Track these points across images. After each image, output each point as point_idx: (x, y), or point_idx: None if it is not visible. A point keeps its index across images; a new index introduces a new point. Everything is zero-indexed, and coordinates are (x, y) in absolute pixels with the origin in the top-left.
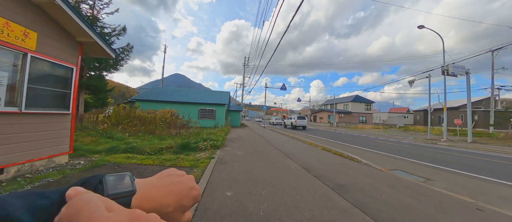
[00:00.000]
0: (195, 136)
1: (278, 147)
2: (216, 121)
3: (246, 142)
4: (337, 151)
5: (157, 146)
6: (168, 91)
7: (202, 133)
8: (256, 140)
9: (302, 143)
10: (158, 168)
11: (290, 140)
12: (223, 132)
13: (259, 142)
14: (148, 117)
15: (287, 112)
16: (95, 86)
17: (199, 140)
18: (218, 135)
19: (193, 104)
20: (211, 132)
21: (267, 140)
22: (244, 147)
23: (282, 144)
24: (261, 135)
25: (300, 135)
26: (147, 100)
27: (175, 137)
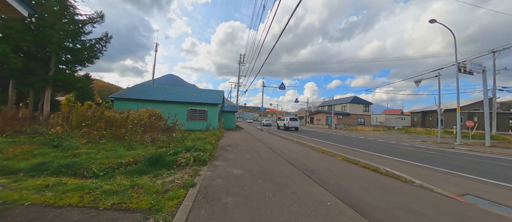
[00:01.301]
0: (178, 142)
1: (287, 158)
2: (207, 123)
3: (244, 151)
4: (368, 164)
5: (115, 160)
6: (154, 89)
7: (189, 139)
8: (256, 147)
9: (314, 151)
10: (77, 217)
11: (298, 147)
12: (215, 136)
13: (261, 150)
14: (118, 118)
15: (283, 114)
16: (64, 81)
17: (181, 149)
18: (207, 142)
19: (181, 104)
20: (199, 138)
21: (270, 146)
22: (242, 161)
23: (290, 153)
24: (260, 139)
25: (305, 140)
26: (128, 99)
27: (150, 145)
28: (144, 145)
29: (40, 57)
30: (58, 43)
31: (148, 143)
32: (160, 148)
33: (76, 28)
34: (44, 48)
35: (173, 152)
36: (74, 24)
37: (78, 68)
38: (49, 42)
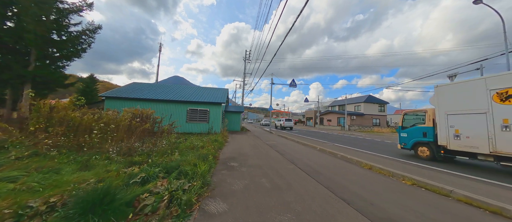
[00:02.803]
0: (162, 155)
1: (337, 190)
2: (209, 124)
3: (257, 171)
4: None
5: (26, 199)
6: (150, 87)
7: (181, 147)
8: (273, 162)
9: (358, 167)
10: None
11: (334, 162)
12: (216, 143)
13: (283, 169)
14: (84, 120)
15: (289, 115)
16: (46, 77)
17: (158, 171)
18: (202, 154)
19: (180, 103)
20: (194, 146)
21: (292, 160)
22: (260, 198)
23: (328, 173)
24: (273, 146)
25: (327, 145)
26: (120, 98)
27: (120, 159)
28: (109, 161)
29: (18, 50)
30: (36, 32)
31: (119, 155)
32: (132, 165)
33: (58, 17)
34: (20, 39)
35: (140, 178)
36: (58, 13)
37: (65, 63)
38: (24, 31)
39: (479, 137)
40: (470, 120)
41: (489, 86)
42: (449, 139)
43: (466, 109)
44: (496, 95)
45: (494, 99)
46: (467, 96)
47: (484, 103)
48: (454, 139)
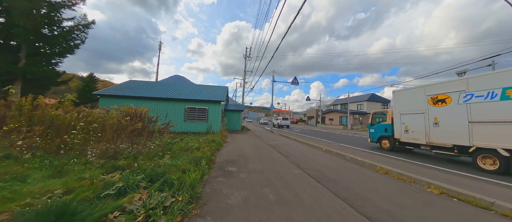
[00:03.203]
0: (150, 158)
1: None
2: (208, 123)
3: (259, 178)
4: None
5: None
6: (147, 85)
7: (174, 149)
8: (277, 166)
9: (373, 172)
10: None
11: (343, 165)
12: (214, 144)
13: (288, 174)
14: (67, 119)
15: (290, 113)
16: (37, 74)
17: (139, 179)
18: (196, 157)
19: (177, 101)
20: (188, 148)
21: (297, 163)
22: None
23: (343, 180)
24: (275, 146)
25: (331, 146)
26: (115, 96)
27: (101, 162)
28: (88, 165)
29: (8, 46)
30: (25, 27)
31: (102, 158)
32: (115, 170)
33: (49, 11)
34: (10, 34)
35: (116, 188)
36: (49, 7)
37: (58, 60)
38: (12, 24)
39: (420, 131)
40: (414, 118)
41: (426, 93)
42: (402, 133)
43: (412, 110)
44: (431, 100)
45: (429, 102)
46: (413, 100)
47: (423, 106)
48: (405, 133)
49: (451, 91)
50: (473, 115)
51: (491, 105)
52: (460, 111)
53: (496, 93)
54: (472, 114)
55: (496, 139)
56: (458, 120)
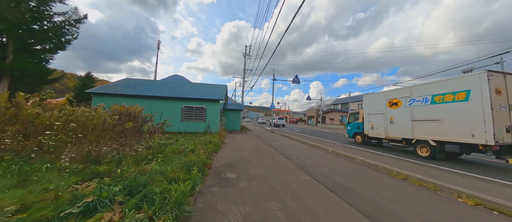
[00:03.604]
0: (134, 165)
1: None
2: (206, 123)
3: (262, 188)
4: None
5: None
6: (142, 83)
7: (167, 151)
8: (282, 173)
9: (389, 177)
10: None
11: (349, 167)
12: (211, 146)
13: (295, 182)
14: (46, 117)
15: (290, 113)
16: (25, 70)
17: (112, 195)
18: (189, 162)
19: (174, 100)
20: (182, 151)
21: (304, 167)
22: None
23: (359, 190)
24: (277, 148)
25: (337, 147)
26: (108, 94)
27: (71, 170)
28: (62, 172)
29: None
30: (11, 20)
31: (81, 163)
32: (93, 177)
33: (38, 4)
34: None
35: (83, 204)
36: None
37: (49, 56)
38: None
39: (381, 128)
40: (377, 118)
41: (385, 97)
42: (369, 130)
43: (376, 111)
44: (388, 103)
45: (387, 105)
46: (376, 103)
47: (383, 108)
48: (371, 130)
49: (401, 96)
50: (414, 115)
51: (425, 108)
52: (406, 112)
53: (428, 98)
54: (413, 115)
55: (428, 133)
56: (405, 119)
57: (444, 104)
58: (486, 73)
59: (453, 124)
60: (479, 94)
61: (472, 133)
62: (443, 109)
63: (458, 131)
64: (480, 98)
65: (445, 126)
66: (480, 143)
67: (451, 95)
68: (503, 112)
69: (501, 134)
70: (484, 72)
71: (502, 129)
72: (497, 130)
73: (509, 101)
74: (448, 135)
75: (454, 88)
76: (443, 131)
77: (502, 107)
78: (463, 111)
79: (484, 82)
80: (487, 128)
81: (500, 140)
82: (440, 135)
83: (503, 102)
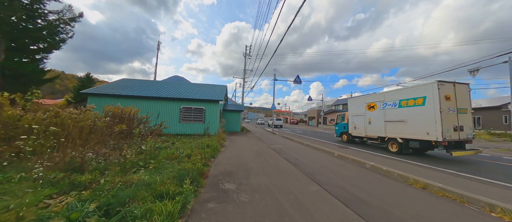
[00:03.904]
0: (121, 174)
1: None
2: (205, 125)
3: (267, 208)
4: None
5: None
6: (141, 83)
7: (159, 157)
8: (289, 184)
9: (406, 186)
10: None
11: (359, 174)
12: (209, 150)
13: (307, 194)
14: (25, 120)
15: (290, 114)
16: (17, 70)
17: (84, 216)
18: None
19: (172, 101)
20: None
21: (311, 174)
22: None
23: (376, 202)
24: (280, 151)
25: (352, 152)
26: (104, 95)
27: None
28: (36, 183)
29: None
30: (2, 18)
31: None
32: (71, 190)
33: (32, 2)
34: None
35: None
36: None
37: (43, 56)
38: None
39: (362, 128)
40: (359, 119)
41: (365, 101)
42: (352, 130)
43: (358, 113)
44: (367, 106)
45: (366, 108)
46: (358, 106)
47: (363, 110)
48: (354, 129)
49: (377, 100)
50: (386, 117)
51: (394, 111)
52: (381, 114)
53: (396, 103)
54: (386, 116)
55: (396, 132)
56: (380, 120)
57: (408, 107)
58: (436, 83)
59: (414, 124)
60: (432, 100)
61: (427, 132)
62: (407, 112)
63: (418, 130)
64: (433, 103)
65: (409, 126)
66: (432, 140)
67: (412, 100)
68: (452, 114)
69: (449, 132)
70: (435, 82)
71: (450, 128)
72: (445, 129)
73: (458, 105)
74: (411, 133)
75: (415, 95)
76: (407, 130)
77: (450, 110)
78: (421, 114)
79: (435, 90)
80: (437, 127)
81: (448, 138)
82: (405, 134)
83: (451, 106)
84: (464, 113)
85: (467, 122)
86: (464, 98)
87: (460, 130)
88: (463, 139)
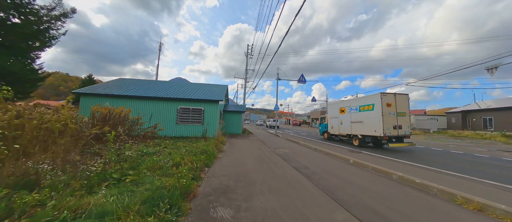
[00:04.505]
0: (82, 193)
1: None
2: (204, 126)
3: None
4: None
5: None
6: (137, 83)
7: (141, 167)
8: (298, 196)
9: (454, 206)
10: None
11: (389, 189)
12: (204, 157)
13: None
14: None
15: (293, 115)
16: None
17: None
18: (157, 193)
19: (169, 101)
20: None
21: (330, 190)
22: None
23: None
24: (287, 157)
25: (367, 158)
26: (97, 95)
27: None
28: None
29: None
30: None
31: (7, 187)
32: (7, 217)
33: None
34: None
35: None
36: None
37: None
38: None
39: (336, 127)
40: (334, 120)
41: (338, 106)
42: (330, 129)
43: (334, 115)
44: (339, 110)
45: (339, 111)
46: (334, 109)
47: (337, 113)
48: (331, 129)
49: (346, 106)
50: (352, 119)
51: (356, 114)
52: (348, 117)
53: (358, 108)
54: (351, 118)
55: (357, 130)
56: (348, 121)
57: (364, 112)
58: (380, 94)
59: (367, 124)
60: (378, 106)
61: (375, 130)
62: (364, 115)
63: (369, 128)
64: (378, 109)
65: (364, 125)
66: (378, 135)
67: (367, 106)
68: (392, 116)
69: (389, 130)
70: (379, 94)
71: (391, 127)
72: (386, 128)
73: (397, 110)
74: (366, 131)
75: (368, 102)
76: (364, 129)
77: (391, 114)
78: (371, 116)
79: (379, 100)
80: (380, 126)
81: (388, 134)
82: (362, 131)
83: (392, 111)
84: (403, 116)
85: (405, 122)
86: (403, 105)
87: (399, 128)
88: (401, 135)
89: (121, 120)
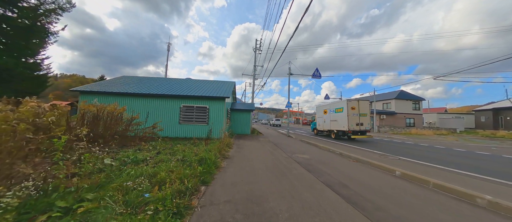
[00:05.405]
0: None
1: None
2: (209, 126)
3: None
4: None
5: None
6: (139, 81)
7: (112, 185)
8: None
9: None
10: None
11: None
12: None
13: None
14: None
15: (302, 114)
16: None
17: None
18: None
19: (172, 98)
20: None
21: None
22: None
23: None
24: (310, 167)
25: (411, 167)
26: (97, 92)
27: None
28: None
29: None
30: None
31: None
32: None
33: None
34: None
35: None
36: None
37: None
38: None
39: (321, 125)
40: (320, 119)
41: (322, 108)
42: (318, 126)
43: (320, 115)
44: (323, 111)
45: (323, 112)
46: (320, 110)
47: (322, 114)
48: (318, 126)
49: (327, 108)
50: (331, 118)
51: (333, 114)
52: (329, 116)
53: (334, 110)
54: (330, 118)
55: (334, 126)
56: (328, 120)
57: (337, 113)
58: (346, 100)
59: (340, 122)
60: (345, 109)
61: (343, 125)
62: (338, 115)
63: (341, 125)
64: (345, 111)
65: (338, 123)
66: (345, 130)
67: (340, 108)
68: (355, 116)
69: (353, 126)
70: (345, 100)
71: (354, 124)
72: (350, 125)
73: (360, 111)
74: (339, 127)
75: (340, 106)
76: (338, 126)
77: (355, 115)
78: (342, 117)
79: (345, 104)
80: (346, 123)
81: (352, 129)
82: (337, 128)
83: (355, 112)
84: (365, 116)
85: (366, 121)
86: (365, 108)
87: (361, 125)
88: (363, 130)
89: (114, 120)
